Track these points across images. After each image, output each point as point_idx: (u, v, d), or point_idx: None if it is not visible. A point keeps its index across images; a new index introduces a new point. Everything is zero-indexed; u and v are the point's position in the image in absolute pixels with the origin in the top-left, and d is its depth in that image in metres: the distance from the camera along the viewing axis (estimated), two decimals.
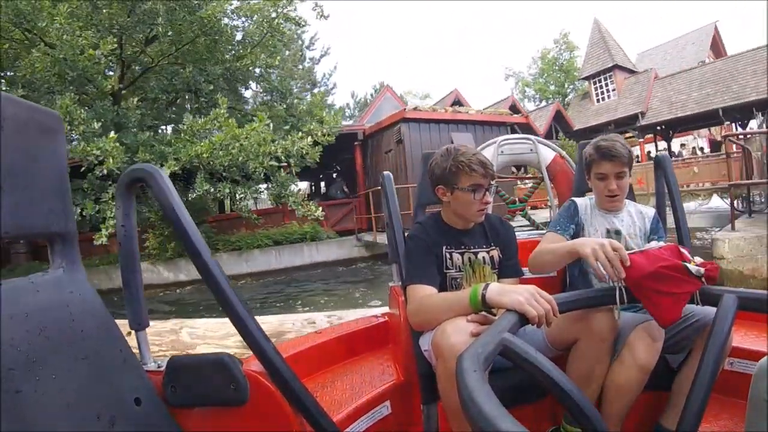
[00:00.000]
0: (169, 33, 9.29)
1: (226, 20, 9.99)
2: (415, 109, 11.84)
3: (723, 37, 24.38)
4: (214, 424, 0.95)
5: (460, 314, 1.18)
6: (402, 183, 11.06)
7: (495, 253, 1.50)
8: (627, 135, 19.29)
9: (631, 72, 21.94)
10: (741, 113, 16.60)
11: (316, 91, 12.44)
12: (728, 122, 17.08)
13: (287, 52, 10.92)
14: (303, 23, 10.92)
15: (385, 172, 1.79)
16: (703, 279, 1.14)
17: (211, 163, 8.42)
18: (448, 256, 1.46)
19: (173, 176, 8.38)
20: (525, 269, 1.54)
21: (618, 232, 1.58)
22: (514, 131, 12.65)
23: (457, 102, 18.64)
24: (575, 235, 1.57)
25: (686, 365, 1.30)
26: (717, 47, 23.98)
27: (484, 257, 1.48)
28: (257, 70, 11.35)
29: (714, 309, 1.07)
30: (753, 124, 16.82)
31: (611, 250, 1.17)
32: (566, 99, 27.53)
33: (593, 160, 1.56)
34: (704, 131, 22.87)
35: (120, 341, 0.90)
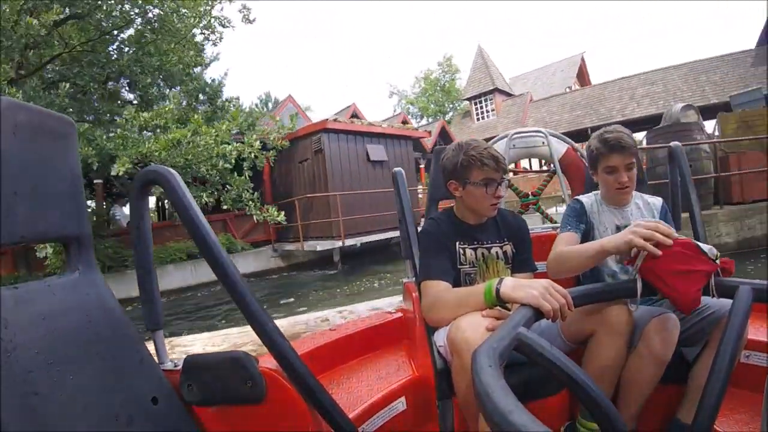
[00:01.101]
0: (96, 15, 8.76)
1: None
2: (335, 120, 12.00)
3: (588, 66, 28.33)
4: (231, 422, 0.96)
5: (475, 309, 1.18)
6: (322, 191, 11.16)
7: (508, 247, 1.49)
8: None
9: (509, 95, 25.11)
10: None
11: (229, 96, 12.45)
12: None
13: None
14: (227, 24, 10.83)
15: (397, 169, 1.79)
16: (718, 263, 1.13)
17: (165, 163, 8.14)
18: (461, 251, 1.45)
19: (117, 177, 8.19)
20: (539, 263, 1.54)
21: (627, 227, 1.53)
22: (415, 145, 14.46)
23: (355, 115, 18.90)
24: (585, 234, 1.54)
25: (702, 358, 1.29)
26: (582, 75, 27.91)
27: (497, 252, 1.47)
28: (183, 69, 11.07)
29: (729, 301, 1.06)
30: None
31: (646, 230, 1.16)
32: (446, 117, 28.88)
33: (601, 153, 1.51)
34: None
35: (136, 341, 0.91)
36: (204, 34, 10.74)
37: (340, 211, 10.59)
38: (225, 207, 10.16)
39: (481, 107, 25.02)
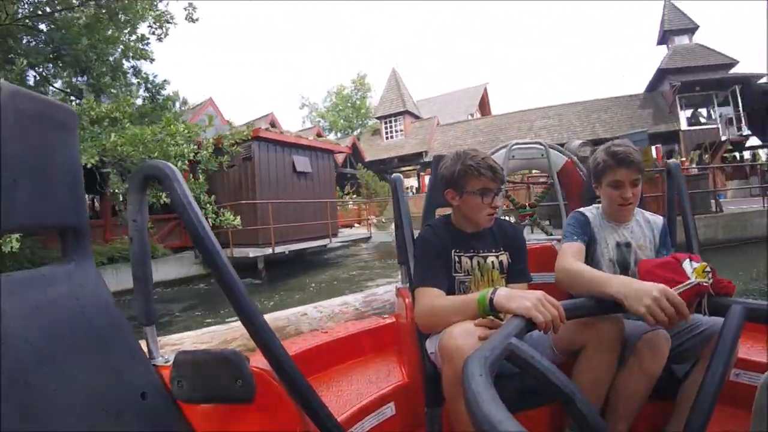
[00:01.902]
0: None
1: None
2: (266, 129, 12.29)
3: (490, 96, 31.46)
4: (221, 420, 0.95)
5: (468, 318, 1.18)
6: (249, 198, 11.21)
7: (504, 257, 1.49)
8: (410, 168, 25.13)
9: (417, 117, 26.89)
10: None
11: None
12: None
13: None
14: (171, 20, 10.84)
15: (395, 175, 1.80)
16: (709, 283, 1.12)
17: (124, 159, 8.05)
18: (456, 259, 1.45)
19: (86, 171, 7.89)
20: (534, 274, 1.54)
21: (628, 245, 1.53)
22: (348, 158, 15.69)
23: (272, 124, 19.23)
24: (587, 247, 1.51)
25: (692, 375, 1.29)
26: (484, 105, 30.81)
27: (493, 261, 1.47)
28: (127, 62, 11.00)
29: (721, 319, 1.06)
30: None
31: (669, 305, 1.05)
32: (353, 133, 29.49)
33: (608, 166, 1.49)
34: None
35: (128, 335, 0.90)
36: (152, 27, 10.66)
37: (272, 218, 10.70)
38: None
39: (391, 127, 26.55)
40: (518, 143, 3.30)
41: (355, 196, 22.11)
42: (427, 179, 22.45)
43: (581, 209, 1.62)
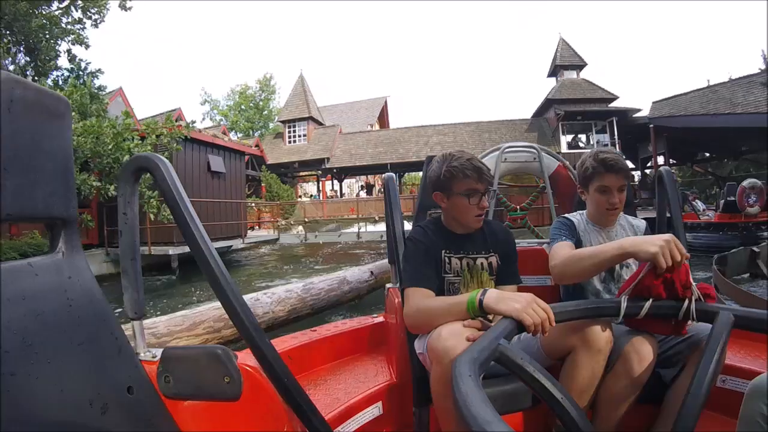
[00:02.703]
0: None
1: None
2: (187, 127, 12.25)
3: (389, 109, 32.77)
4: (207, 416, 0.95)
5: (457, 319, 1.18)
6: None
7: (494, 259, 1.49)
8: (311, 173, 26.35)
9: (320, 124, 27.08)
10: (403, 168, 25.19)
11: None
12: (394, 173, 22.53)
13: None
14: (105, 6, 10.69)
15: (387, 174, 1.79)
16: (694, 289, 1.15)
17: (75, 149, 7.98)
18: (446, 260, 1.45)
19: None
20: (524, 277, 1.55)
21: None
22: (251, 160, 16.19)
23: (179, 119, 19.26)
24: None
25: (679, 380, 1.30)
26: (383, 117, 32.11)
27: (482, 263, 1.47)
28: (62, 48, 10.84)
29: (709, 326, 1.08)
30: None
31: (677, 249, 1.14)
32: (255, 134, 29.54)
33: (597, 172, 1.51)
34: (363, 177, 30.31)
35: (116, 329, 0.89)
36: (89, 13, 10.42)
37: None
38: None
39: (294, 131, 26.64)
40: (511, 146, 3.35)
41: (253, 197, 21.90)
42: (328, 185, 26.71)
43: (566, 215, 1.65)
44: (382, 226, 17.11)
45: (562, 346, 1.28)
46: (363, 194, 27.29)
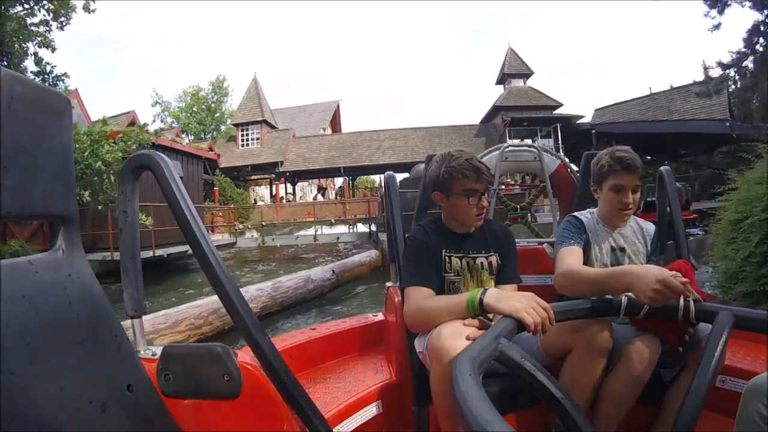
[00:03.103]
0: None
1: None
2: (147, 130, 12.37)
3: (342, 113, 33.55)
4: (207, 414, 0.95)
5: (457, 318, 1.17)
6: None
7: (494, 258, 1.49)
8: (264, 177, 26.40)
9: (273, 127, 27.06)
10: (356, 172, 26.12)
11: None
12: (347, 176, 26.40)
13: None
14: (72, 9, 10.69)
15: (388, 172, 1.79)
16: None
17: None
18: (446, 259, 1.45)
19: None
20: (524, 276, 1.55)
21: (623, 250, 1.54)
22: (204, 164, 16.59)
23: (133, 122, 18.85)
24: (583, 250, 1.51)
25: (679, 380, 1.30)
26: (336, 121, 32.50)
27: (482, 262, 1.47)
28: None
29: (709, 326, 1.07)
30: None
31: (670, 291, 1.11)
32: (207, 137, 29.19)
33: (612, 171, 1.49)
34: (316, 180, 31.15)
35: (116, 327, 0.89)
36: (58, 14, 10.38)
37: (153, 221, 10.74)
38: (99, 207, 9.81)
39: (247, 135, 26.44)
40: (511, 146, 3.33)
41: (207, 202, 21.37)
42: (281, 188, 26.74)
43: (576, 213, 1.63)
44: (337, 229, 18.34)
45: (562, 346, 1.29)
46: (321, 197, 28.12)
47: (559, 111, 23.71)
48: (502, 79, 25.05)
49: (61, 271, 0.82)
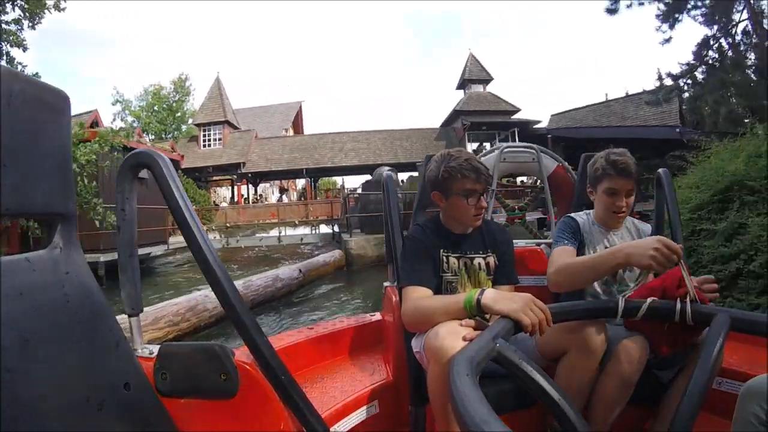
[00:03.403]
0: None
1: None
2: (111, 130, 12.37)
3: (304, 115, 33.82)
4: (204, 413, 0.95)
5: (455, 318, 1.18)
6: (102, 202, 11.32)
7: (491, 259, 1.49)
8: (225, 178, 26.38)
9: (236, 128, 27.03)
10: (318, 174, 26.67)
11: None
12: (309, 178, 26.77)
13: None
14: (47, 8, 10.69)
15: (387, 172, 1.77)
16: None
17: None
18: (444, 259, 1.45)
19: None
20: (521, 277, 1.56)
21: None
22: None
23: (96, 123, 18.64)
24: (578, 251, 1.53)
25: (676, 382, 1.30)
26: (298, 122, 32.59)
27: (479, 263, 1.47)
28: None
29: (707, 328, 1.08)
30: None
31: (669, 251, 1.17)
32: (168, 137, 28.71)
33: (606, 174, 1.51)
34: (277, 181, 31.62)
35: (113, 325, 0.89)
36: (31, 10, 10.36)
37: None
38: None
39: (209, 135, 26.24)
40: (510, 146, 3.29)
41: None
42: (243, 189, 26.79)
43: (572, 214, 1.64)
44: (301, 230, 18.52)
45: (557, 347, 1.29)
46: (285, 199, 27.76)
47: (517, 116, 24.76)
48: (463, 84, 25.96)
49: (59, 269, 0.82)
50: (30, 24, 10.59)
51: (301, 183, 31.47)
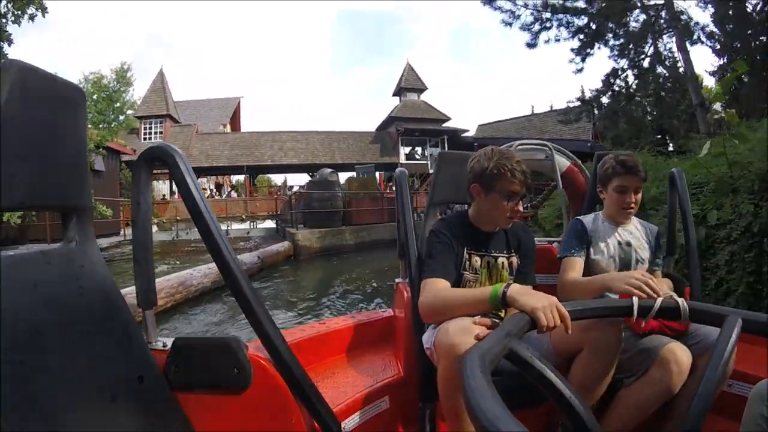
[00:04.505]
0: None
1: None
2: None
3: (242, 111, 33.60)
4: (216, 406, 0.95)
5: (475, 310, 1.18)
6: None
7: (514, 259, 1.49)
8: (165, 172, 23.61)
9: (176, 122, 26.72)
10: (258, 171, 27.06)
11: None
12: (248, 174, 26.52)
13: None
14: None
15: (399, 168, 1.76)
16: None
17: None
18: (467, 256, 1.45)
19: None
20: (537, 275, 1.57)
21: (629, 244, 1.61)
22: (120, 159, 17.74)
23: None
24: (587, 250, 1.60)
25: (687, 384, 1.29)
26: (236, 118, 32.49)
27: (503, 262, 1.47)
28: None
29: (718, 330, 1.05)
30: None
31: (643, 280, 1.20)
32: (103, 127, 27.49)
33: (616, 173, 1.59)
34: (213, 177, 30.52)
35: (128, 318, 0.90)
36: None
37: None
38: None
39: (151, 128, 25.85)
40: (523, 143, 3.15)
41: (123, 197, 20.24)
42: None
43: (580, 217, 1.70)
44: (247, 225, 19.90)
45: (572, 345, 1.27)
46: (234, 195, 28.39)
47: (447, 124, 26.57)
48: (399, 92, 27.30)
49: (74, 262, 0.83)
50: (14, 19, 10.61)
51: (235, 179, 31.28)
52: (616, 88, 12.47)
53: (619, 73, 12.21)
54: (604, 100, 12.77)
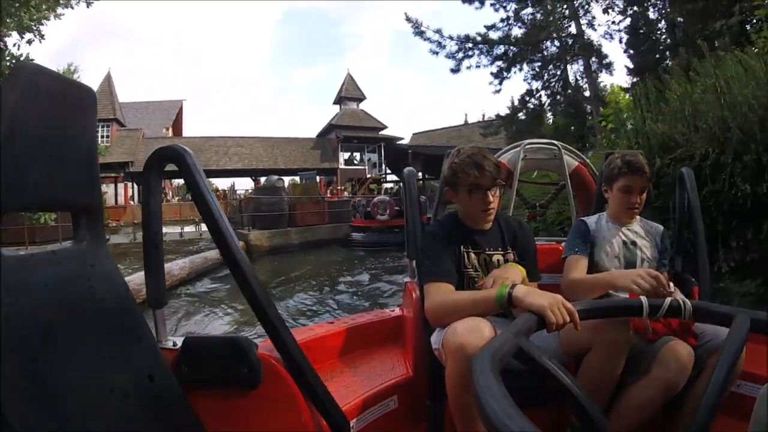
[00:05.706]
0: None
1: None
2: None
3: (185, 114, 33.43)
4: (226, 405, 0.95)
5: (483, 312, 1.18)
6: None
7: (511, 256, 1.47)
8: (113, 175, 25.51)
9: (122, 125, 27.02)
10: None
11: None
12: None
13: None
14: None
15: (408, 168, 1.76)
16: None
17: None
18: (464, 255, 1.44)
19: None
20: (542, 275, 1.56)
21: (634, 243, 1.61)
22: None
23: None
24: (591, 250, 1.60)
25: (696, 385, 1.28)
26: (178, 122, 32.35)
27: (498, 260, 1.46)
28: None
29: (726, 330, 1.03)
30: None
31: (650, 277, 1.23)
32: None
33: (622, 173, 1.58)
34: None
35: (138, 317, 0.90)
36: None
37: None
38: None
39: (97, 132, 23.98)
40: (531, 143, 3.10)
41: None
42: (127, 187, 25.99)
43: (584, 218, 1.70)
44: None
45: (581, 344, 1.27)
46: (175, 200, 28.53)
47: (384, 132, 28.43)
48: (339, 101, 28.97)
49: (85, 262, 0.83)
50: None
51: (176, 182, 31.09)
52: (531, 106, 14.33)
53: (534, 93, 14.14)
54: (521, 116, 14.49)
